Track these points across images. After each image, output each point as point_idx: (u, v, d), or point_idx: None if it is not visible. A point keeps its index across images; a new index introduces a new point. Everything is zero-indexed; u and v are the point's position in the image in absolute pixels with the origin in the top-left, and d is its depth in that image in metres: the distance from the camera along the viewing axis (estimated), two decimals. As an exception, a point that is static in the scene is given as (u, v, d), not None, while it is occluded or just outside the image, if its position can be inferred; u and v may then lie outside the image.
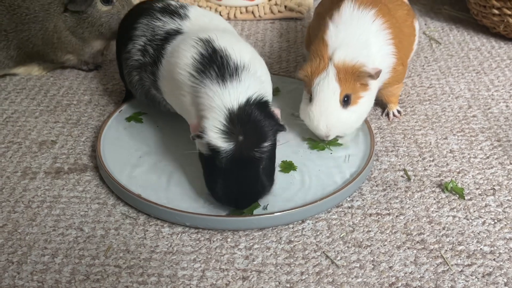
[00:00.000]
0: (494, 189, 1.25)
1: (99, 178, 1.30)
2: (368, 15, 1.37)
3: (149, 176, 1.27)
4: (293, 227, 1.16)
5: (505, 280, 1.03)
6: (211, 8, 2.12)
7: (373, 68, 1.30)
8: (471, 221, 1.17)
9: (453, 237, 1.13)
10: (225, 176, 1.10)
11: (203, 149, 1.13)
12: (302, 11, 2.09)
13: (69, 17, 1.61)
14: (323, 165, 1.30)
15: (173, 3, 1.40)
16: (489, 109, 1.54)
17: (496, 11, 1.85)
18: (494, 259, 1.08)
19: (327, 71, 1.29)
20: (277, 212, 1.14)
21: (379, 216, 1.18)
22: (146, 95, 1.40)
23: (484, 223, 1.16)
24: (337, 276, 1.05)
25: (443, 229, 1.15)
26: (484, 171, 1.31)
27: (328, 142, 1.35)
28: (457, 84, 1.66)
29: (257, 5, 2.13)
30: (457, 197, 1.23)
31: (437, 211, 1.19)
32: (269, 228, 1.15)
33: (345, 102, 1.30)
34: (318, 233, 1.14)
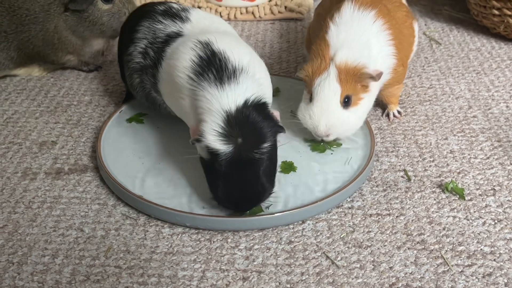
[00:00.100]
0: (494, 189, 1.25)
1: (100, 178, 1.30)
2: (368, 16, 1.36)
3: (149, 176, 1.27)
4: (293, 228, 1.16)
5: (506, 280, 1.03)
6: (211, 8, 2.12)
7: (375, 70, 1.30)
8: (471, 221, 1.17)
9: (453, 238, 1.13)
10: (226, 179, 1.10)
11: (203, 153, 1.13)
12: (302, 12, 2.09)
13: (70, 17, 1.61)
14: (323, 166, 1.29)
15: (175, 5, 1.40)
16: (489, 109, 1.54)
17: (496, 12, 1.85)
18: (494, 260, 1.08)
19: (328, 72, 1.29)
20: (277, 212, 1.15)
21: (380, 216, 1.18)
22: (146, 97, 1.40)
23: (484, 223, 1.16)
24: (337, 276, 1.05)
25: (444, 229, 1.15)
26: (484, 172, 1.31)
27: (328, 142, 1.35)
28: (457, 84, 1.66)
29: (257, 6, 2.13)
30: (457, 198, 1.23)
31: (437, 212, 1.19)
32: (270, 228, 1.15)
33: (345, 103, 1.30)
34: (318, 234, 1.14)
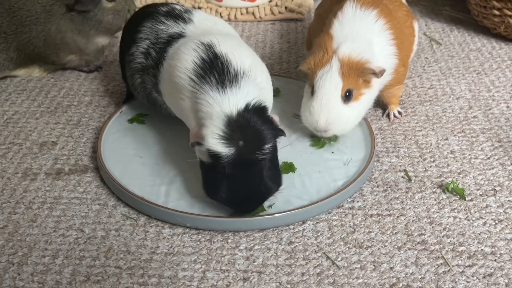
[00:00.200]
0: (495, 189, 1.25)
1: (100, 179, 1.30)
2: (370, 15, 1.36)
3: (149, 177, 1.27)
4: (293, 228, 1.15)
5: (506, 281, 1.03)
6: (211, 9, 2.12)
7: (377, 66, 1.29)
8: (472, 221, 1.17)
9: (454, 238, 1.13)
10: (229, 181, 1.10)
11: (204, 157, 1.12)
12: (302, 12, 2.09)
13: (76, 17, 1.61)
14: (323, 166, 1.29)
15: (178, 7, 1.41)
16: (490, 110, 1.54)
17: (496, 12, 1.85)
18: (495, 260, 1.08)
19: (330, 65, 1.28)
20: (277, 213, 1.14)
21: (380, 217, 1.18)
22: (147, 98, 1.40)
23: (485, 223, 1.16)
24: (338, 277, 1.04)
25: (444, 229, 1.15)
26: (485, 172, 1.30)
27: (328, 138, 1.35)
28: (457, 85, 1.66)
29: (258, 6, 2.13)
30: (458, 198, 1.23)
31: (438, 212, 1.19)
32: (270, 229, 1.15)
33: (346, 97, 1.29)
34: (319, 234, 1.14)
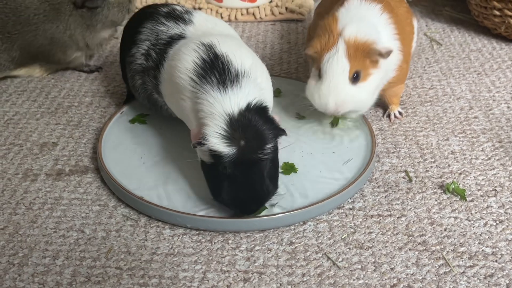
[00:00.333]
0: (495, 190, 1.25)
1: (100, 180, 1.30)
2: (375, 9, 1.36)
3: (150, 178, 1.27)
4: (294, 229, 1.15)
5: (507, 281, 1.03)
6: (211, 9, 2.12)
7: (384, 47, 1.29)
8: (472, 222, 1.17)
9: (454, 239, 1.13)
10: (230, 181, 1.10)
11: (205, 157, 1.12)
12: (303, 13, 2.09)
13: (85, 13, 1.64)
14: (324, 167, 1.29)
15: (178, 7, 1.41)
16: (490, 110, 1.53)
17: (497, 12, 1.85)
18: (496, 261, 1.08)
19: (337, 47, 1.27)
20: (278, 213, 1.14)
21: (381, 217, 1.18)
22: (148, 99, 1.40)
23: (485, 224, 1.16)
24: (338, 277, 1.04)
25: (445, 230, 1.15)
26: (485, 172, 1.30)
27: (335, 122, 1.37)
28: (458, 85, 1.66)
29: (258, 7, 2.13)
30: (458, 199, 1.23)
31: (438, 213, 1.19)
32: (271, 229, 1.15)
33: (354, 78, 1.28)
34: (319, 235, 1.14)
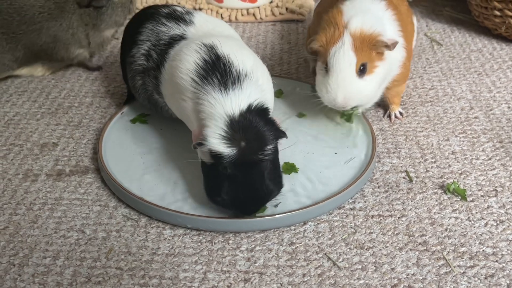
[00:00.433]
0: (496, 190, 1.25)
1: (101, 180, 1.30)
2: (380, 4, 1.37)
3: (150, 178, 1.27)
4: (294, 229, 1.15)
5: (508, 281, 1.03)
6: (212, 10, 2.12)
7: (390, 38, 1.29)
8: (473, 222, 1.16)
9: (455, 239, 1.12)
10: (230, 182, 1.09)
11: (206, 158, 1.12)
12: (303, 13, 2.09)
13: (91, 12, 1.66)
14: (325, 167, 1.29)
15: (179, 8, 1.41)
16: (491, 110, 1.53)
17: (497, 13, 1.85)
18: (496, 261, 1.07)
19: (342, 40, 1.27)
20: (278, 214, 1.14)
21: (381, 217, 1.18)
22: (148, 99, 1.40)
23: (486, 224, 1.16)
24: (339, 278, 1.04)
25: (445, 230, 1.15)
26: (486, 173, 1.30)
27: (349, 117, 1.38)
28: (458, 85, 1.65)
29: (258, 8, 2.13)
30: (459, 199, 1.23)
31: (439, 213, 1.19)
32: (271, 230, 1.15)
33: (361, 71, 1.28)
34: (320, 235, 1.14)
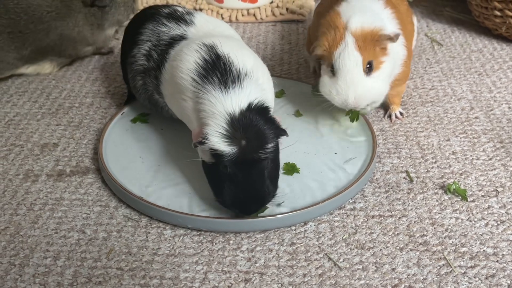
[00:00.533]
0: (497, 190, 1.25)
1: (101, 180, 1.30)
2: (378, 3, 1.37)
3: (151, 179, 1.27)
4: (295, 229, 1.15)
5: (509, 282, 1.03)
6: (212, 10, 2.13)
7: (392, 31, 1.29)
8: (474, 222, 1.16)
9: (456, 239, 1.12)
10: (231, 181, 1.09)
11: (206, 157, 1.12)
12: (303, 14, 2.09)
13: (96, 12, 1.71)
14: (325, 167, 1.29)
15: (179, 8, 1.41)
16: (491, 110, 1.53)
17: (498, 13, 1.85)
18: (497, 261, 1.07)
19: (345, 42, 1.27)
20: (279, 214, 1.14)
21: (382, 218, 1.18)
22: (149, 99, 1.40)
23: (487, 224, 1.16)
24: (339, 278, 1.04)
25: (446, 230, 1.14)
26: (486, 173, 1.30)
27: (355, 116, 1.38)
28: (459, 85, 1.65)
29: (259, 8, 2.13)
30: (459, 199, 1.23)
31: (439, 213, 1.19)
32: (272, 230, 1.15)
33: (368, 69, 1.29)
34: (320, 235, 1.14)
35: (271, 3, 2.18)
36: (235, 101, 1.10)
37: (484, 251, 1.10)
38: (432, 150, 1.38)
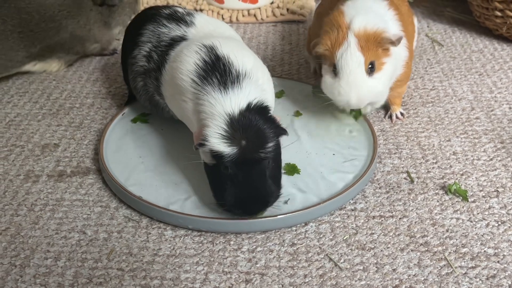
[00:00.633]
0: (497, 191, 1.25)
1: (102, 181, 1.30)
2: (382, 4, 1.37)
3: (151, 179, 1.27)
4: (296, 230, 1.15)
5: (510, 282, 1.03)
6: (213, 11, 2.13)
7: (394, 34, 1.29)
8: (474, 223, 1.16)
9: (456, 239, 1.12)
10: (232, 182, 1.09)
11: (207, 158, 1.13)
12: (304, 14, 2.09)
13: (105, 10, 1.75)
14: (326, 168, 1.29)
15: (180, 9, 1.41)
16: (492, 111, 1.53)
17: (498, 13, 1.85)
18: (498, 261, 1.07)
19: (348, 42, 1.27)
20: (280, 214, 1.14)
21: (382, 218, 1.18)
22: (150, 100, 1.40)
23: (487, 225, 1.16)
24: (340, 278, 1.04)
25: (447, 231, 1.14)
26: (487, 173, 1.30)
27: (358, 115, 1.39)
28: (460, 86, 1.65)
29: (259, 8, 2.13)
30: (460, 199, 1.23)
31: (440, 213, 1.19)
32: (272, 230, 1.15)
33: (370, 70, 1.29)
34: (321, 236, 1.14)
35: (272, 3, 2.18)
36: (234, 101, 1.10)
37: (485, 251, 1.10)
38: (433, 150, 1.38)
